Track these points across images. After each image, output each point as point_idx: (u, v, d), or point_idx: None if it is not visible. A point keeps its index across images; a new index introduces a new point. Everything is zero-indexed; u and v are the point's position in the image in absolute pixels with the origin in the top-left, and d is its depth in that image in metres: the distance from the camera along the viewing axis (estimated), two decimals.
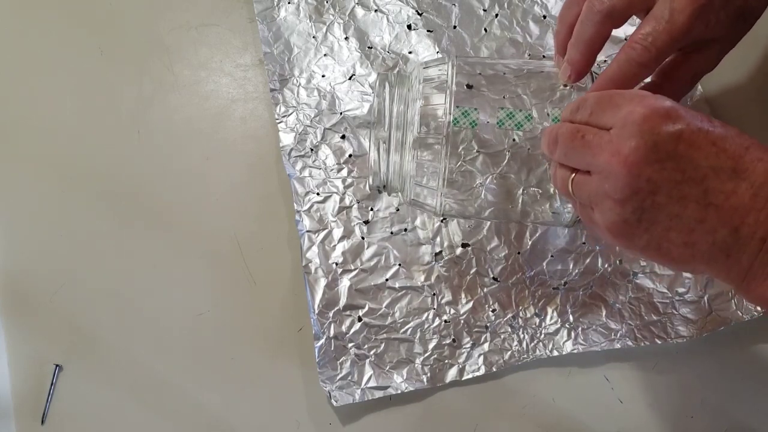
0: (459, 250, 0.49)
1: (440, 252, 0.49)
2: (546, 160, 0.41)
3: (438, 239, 0.50)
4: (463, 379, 0.47)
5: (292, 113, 0.52)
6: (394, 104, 0.43)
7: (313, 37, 0.54)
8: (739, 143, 0.32)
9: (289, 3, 0.55)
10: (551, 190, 0.42)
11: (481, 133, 0.41)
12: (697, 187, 0.32)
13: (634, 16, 0.40)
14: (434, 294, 0.49)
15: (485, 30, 0.55)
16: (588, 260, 0.49)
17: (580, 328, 0.48)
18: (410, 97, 0.42)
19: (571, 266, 0.49)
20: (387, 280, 0.49)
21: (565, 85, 0.42)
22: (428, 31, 0.55)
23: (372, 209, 0.50)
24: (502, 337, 0.48)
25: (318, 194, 0.50)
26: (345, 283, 0.48)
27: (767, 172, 0.31)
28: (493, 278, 0.49)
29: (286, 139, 0.51)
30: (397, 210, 0.50)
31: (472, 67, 0.43)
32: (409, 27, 0.55)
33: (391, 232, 0.50)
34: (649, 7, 0.38)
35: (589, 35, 0.39)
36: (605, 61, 0.53)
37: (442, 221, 0.50)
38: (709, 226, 0.32)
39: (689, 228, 0.32)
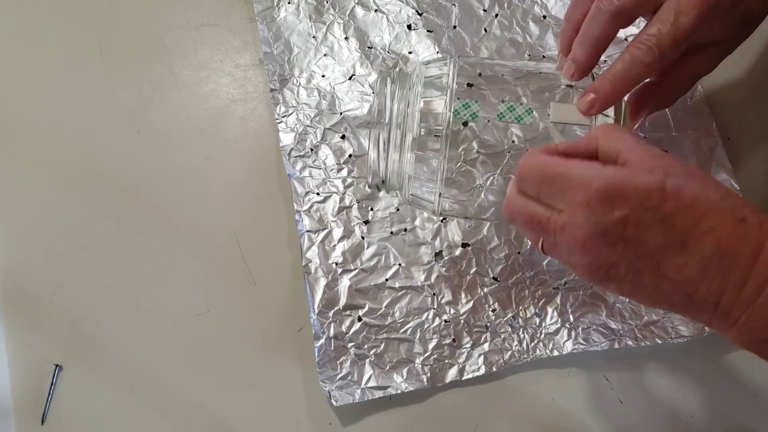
0: (459, 250, 0.49)
1: (440, 252, 0.49)
2: None
3: (438, 239, 0.50)
4: (463, 379, 0.47)
5: (292, 113, 0.52)
6: (394, 102, 0.43)
7: (313, 37, 0.54)
8: (692, 213, 0.32)
9: (289, 3, 0.55)
10: None
11: (481, 134, 0.41)
12: (650, 261, 0.33)
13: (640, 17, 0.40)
14: (434, 294, 0.49)
15: (485, 30, 0.55)
16: None
17: (580, 328, 0.48)
18: (411, 96, 0.42)
19: None
20: (387, 280, 0.49)
21: (569, 85, 0.42)
22: (428, 31, 0.55)
23: (372, 209, 0.50)
24: (502, 337, 0.48)
25: (318, 194, 0.50)
26: (345, 283, 0.48)
27: (716, 243, 0.32)
28: (493, 278, 0.49)
29: (286, 139, 0.51)
30: (397, 210, 0.50)
31: (473, 68, 0.43)
32: (409, 27, 0.55)
33: (391, 232, 0.50)
34: (657, 8, 0.38)
35: (597, 34, 0.39)
36: (605, 61, 0.53)
37: (441, 221, 0.50)
38: (666, 292, 0.34)
39: (649, 293, 0.34)
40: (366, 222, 0.50)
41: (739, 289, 0.32)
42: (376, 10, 0.55)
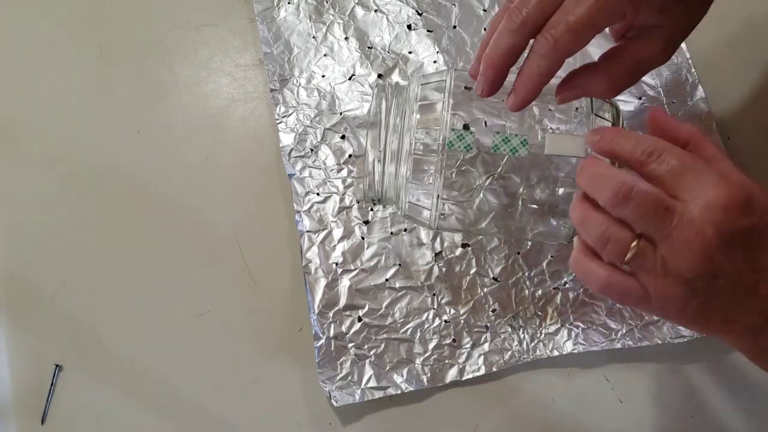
0: (459, 250, 0.49)
1: (440, 252, 0.49)
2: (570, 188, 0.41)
3: (438, 239, 0.50)
4: (463, 379, 0.47)
5: (292, 113, 0.52)
6: (390, 116, 0.43)
7: (313, 37, 0.54)
8: None
9: (289, 3, 0.55)
10: (555, 190, 0.42)
11: (479, 138, 0.41)
12: (752, 276, 0.33)
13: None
14: (434, 294, 0.49)
15: (485, 30, 0.55)
16: None
17: (580, 328, 0.48)
18: (407, 109, 0.42)
19: None
20: (387, 280, 0.49)
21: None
22: (428, 31, 0.55)
23: (372, 209, 0.50)
24: (502, 337, 0.48)
25: (318, 194, 0.50)
26: (345, 283, 0.48)
27: None
28: (493, 278, 0.49)
29: (286, 139, 0.51)
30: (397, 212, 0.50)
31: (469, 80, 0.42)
32: (409, 27, 0.55)
33: (391, 232, 0.50)
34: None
35: (503, 48, 0.38)
36: None
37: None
38: (749, 311, 0.34)
39: (731, 309, 0.34)
40: (366, 222, 0.50)
41: None
42: (376, 10, 0.55)
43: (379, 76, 0.54)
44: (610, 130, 0.37)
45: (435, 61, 0.54)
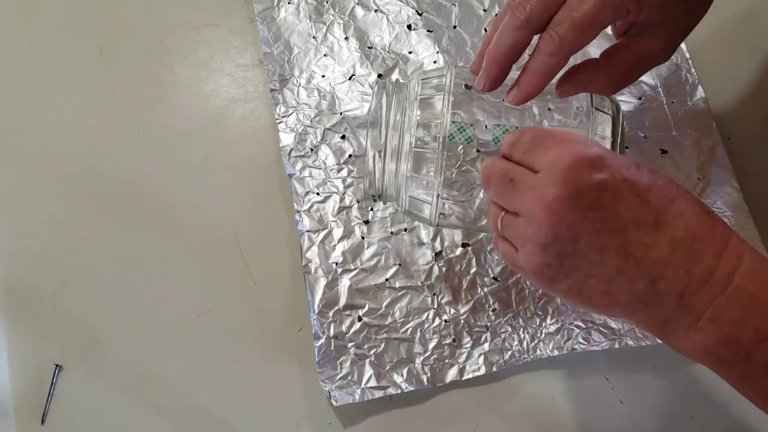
0: (459, 250, 0.49)
1: (440, 252, 0.49)
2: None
3: (438, 239, 0.50)
4: (463, 379, 0.47)
5: (292, 113, 0.52)
6: (390, 112, 0.43)
7: (313, 37, 0.54)
8: (664, 195, 0.32)
9: (289, 3, 0.55)
10: None
11: (480, 135, 0.41)
12: (617, 237, 0.32)
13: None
14: (434, 294, 0.49)
15: (485, 30, 0.55)
16: None
17: (580, 328, 0.48)
18: (407, 106, 0.42)
19: None
20: (387, 279, 0.49)
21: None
22: (428, 31, 0.55)
23: (372, 209, 0.50)
24: (503, 336, 0.48)
25: (318, 194, 0.50)
26: (345, 282, 0.48)
27: (687, 226, 0.32)
28: (493, 278, 0.49)
29: (286, 139, 0.51)
30: (397, 210, 0.50)
31: (471, 75, 0.42)
32: (409, 27, 0.55)
33: (391, 232, 0.50)
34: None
35: (506, 44, 0.38)
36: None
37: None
38: (628, 277, 0.32)
39: (609, 277, 0.33)
40: (366, 222, 0.50)
41: (707, 277, 0.31)
42: (376, 10, 0.55)
43: (379, 76, 0.54)
44: (509, 134, 0.37)
45: (435, 61, 0.54)
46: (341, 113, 0.52)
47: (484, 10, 0.55)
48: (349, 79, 0.53)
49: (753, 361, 0.32)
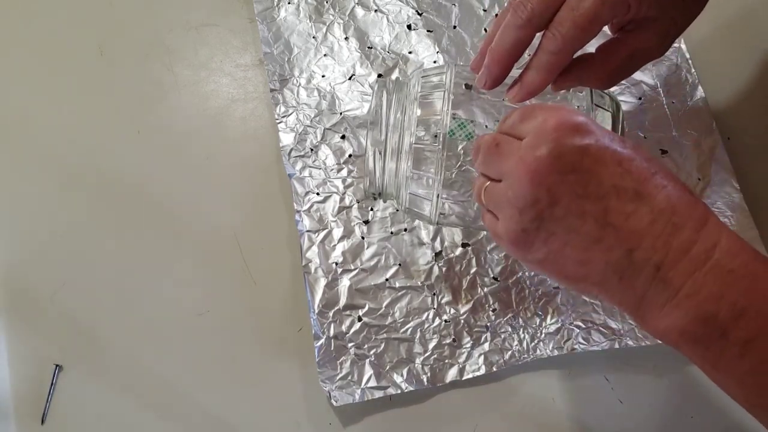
0: (459, 250, 0.49)
1: (440, 252, 0.49)
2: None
3: (438, 239, 0.50)
4: (463, 379, 0.47)
5: (292, 113, 0.52)
6: (391, 111, 0.43)
7: (313, 37, 0.54)
8: (646, 167, 0.33)
9: (289, 3, 0.55)
10: None
11: (479, 134, 0.41)
12: (597, 204, 0.32)
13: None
14: (434, 294, 0.49)
15: (485, 30, 0.55)
16: None
17: (580, 328, 0.48)
18: (407, 104, 0.42)
19: None
20: (387, 280, 0.49)
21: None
22: (428, 31, 0.55)
23: (372, 209, 0.50)
24: (503, 336, 0.48)
25: (318, 194, 0.50)
26: (345, 282, 0.48)
27: (668, 199, 0.32)
28: (493, 278, 0.49)
29: (286, 139, 0.51)
30: (397, 210, 0.50)
31: (471, 74, 0.43)
32: (409, 27, 0.55)
33: (391, 232, 0.50)
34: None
35: (508, 42, 0.38)
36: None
37: None
38: (605, 246, 0.32)
39: (585, 245, 0.33)
40: (366, 222, 0.50)
41: (686, 251, 0.31)
42: (376, 10, 0.55)
43: (379, 75, 0.54)
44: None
45: (435, 61, 0.54)
46: (341, 113, 0.52)
47: (484, 10, 0.55)
48: (349, 79, 0.53)
49: (729, 339, 0.31)
